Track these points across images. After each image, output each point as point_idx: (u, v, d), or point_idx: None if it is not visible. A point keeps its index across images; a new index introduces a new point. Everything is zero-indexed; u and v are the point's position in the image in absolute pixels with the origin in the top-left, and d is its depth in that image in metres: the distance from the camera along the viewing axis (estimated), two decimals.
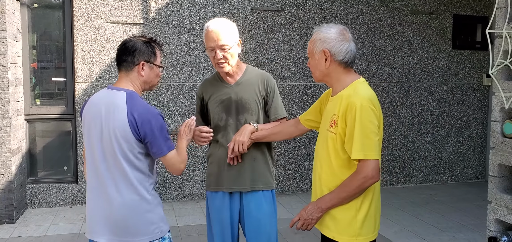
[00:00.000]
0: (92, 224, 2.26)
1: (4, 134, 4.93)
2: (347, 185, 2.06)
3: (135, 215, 2.20)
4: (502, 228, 2.84)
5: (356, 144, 2.01)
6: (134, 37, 2.31)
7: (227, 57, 2.60)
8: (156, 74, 2.33)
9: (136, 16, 5.66)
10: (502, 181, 2.83)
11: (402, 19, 6.62)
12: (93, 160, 2.23)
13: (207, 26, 2.63)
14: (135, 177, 2.20)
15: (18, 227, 4.91)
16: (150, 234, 2.24)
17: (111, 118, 2.17)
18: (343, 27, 2.18)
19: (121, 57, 2.28)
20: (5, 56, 4.86)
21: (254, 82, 2.73)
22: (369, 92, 2.10)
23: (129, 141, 2.16)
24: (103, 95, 2.26)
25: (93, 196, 2.26)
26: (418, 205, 5.81)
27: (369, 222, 2.12)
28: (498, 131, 2.80)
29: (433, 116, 6.87)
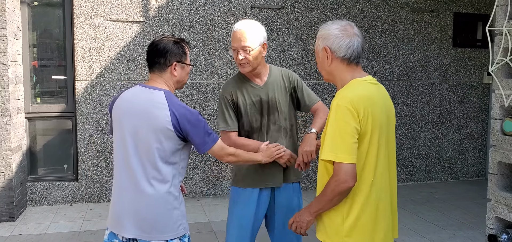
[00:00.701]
0: (118, 218, 2.27)
1: (4, 132, 4.93)
2: (325, 189, 1.98)
3: (164, 212, 2.23)
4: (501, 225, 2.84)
5: (326, 144, 1.93)
6: (164, 38, 2.34)
7: (248, 58, 2.65)
8: (187, 72, 2.40)
9: (136, 14, 5.65)
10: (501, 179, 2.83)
11: (402, 17, 6.61)
12: (124, 155, 2.25)
13: (234, 27, 2.71)
14: (168, 173, 2.24)
15: (18, 225, 4.92)
16: (176, 230, 2.28)
17: (151, 116, 2.20)
18: (347, 22, 2.08)
19: (153, 59, 2.31)
20: (5, 54, 4.86)
21: (279, 80, 2.80)
22: (357, 92, 1.97)
23: (170, 138, 2.20)
24: (137, 92, 2.29)
25: (121, 191, 2.27)
26: (418, 203, 5.81)
27: (360, 232, 1.98)
28: (498, 129, 2.80)
29: (434, 115, 6.87)
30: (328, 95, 6.29)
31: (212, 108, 5.94)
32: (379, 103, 2.02)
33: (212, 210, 5.46)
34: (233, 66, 5.99)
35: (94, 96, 5.61)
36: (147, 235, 2.23)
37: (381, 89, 2.12)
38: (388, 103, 2.11)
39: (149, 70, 2.36)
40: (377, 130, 1.98)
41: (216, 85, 5.95)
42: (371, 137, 1.96)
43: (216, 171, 6.03)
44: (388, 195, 2.08)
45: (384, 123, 2.03)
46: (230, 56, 5.94)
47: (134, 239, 2.28)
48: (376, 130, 1.98)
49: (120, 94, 2.35)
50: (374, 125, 1.96)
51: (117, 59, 5.65)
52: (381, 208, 2.03)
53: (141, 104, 2.24)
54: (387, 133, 2.06)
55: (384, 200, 2.04)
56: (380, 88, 2.11)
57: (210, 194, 6.03)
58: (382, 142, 2.01)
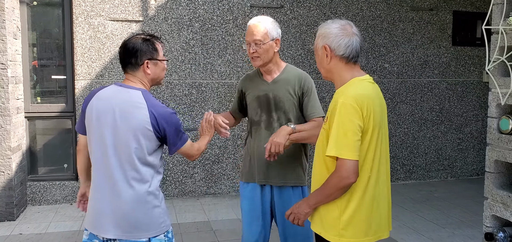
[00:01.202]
0: (98, 219, 2.25)
1: (4, 131, 4.95)
2: (326, 182, 2.04)
3: (145, 210, 2.23)
4: (498, 223, 2.85)
5: (331, 141, 1.98)
6: (133, 37, 2.32)
7: (259, 52, 2.70)
8: (162, 68, 2.38)
9: (135, 13, 5.66)
10: (498, 177, 2.83)
11: (402, 16, 6.61)
12: (102, 155, 2.24)
13: (249, 22, 2.79)
14: (147, 172, 2.24)
15: (18, 225, 4.93)
16: (157, 228, 2.27)
17: (130, 116, 2.19)
18: (347, 21, 2.14)
19: (125, 60, 2.30)
20: (4, 54, 4.87)
21: (291, 81, 2.78)
22: (359, 91, 2.03)
23: (148, 138, 2.21)
24: (113, 91, 2.27)
25: (100, 191, 2.25)
26: (418, 201, 5.81)
27: (357, 226, 2.04)
28: (495, 127, 2.80)
29: (433, 113, 6.87)
30: (328, 94, 6.29)
31: (211, 107, 5.95)
32: (377, 102, 2.09)
33: (211, 209, 5.47)
34: (232, 65, 6.00)
35: None
36: (128, 235, 2.21)
37: (377, 88, 2.19)
38: (383, 102, 2.19)
39: (123, 71, 2.34)
40: (377, 127, 2.05)
41: (215, 84, 5.96)
42: (371, 134, 2.03)
43: (215, 170, 6.04)
44: (384, 189, 2.14)
45: (380, 120, 2.10)
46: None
47: (113, 239, 2.26)
48: (376, 128, 2.05)
49: (95, 93, 2.31)
50: (374, 123, 2.03)
51: (116, 58, 5.66)
52: (376, 202, 2.09)
53: (118, 104, 2.22)
54: (383, 130, 2.14)
55: (379, 194, 2.10)
56: (376, 87, 2.19)
57: (210, 193, 6.04)
58: (379, 138, 2.09)
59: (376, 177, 2.08)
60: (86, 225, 2.33)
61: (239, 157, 6.08)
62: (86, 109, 2.31)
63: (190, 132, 5.88)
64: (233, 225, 4.92)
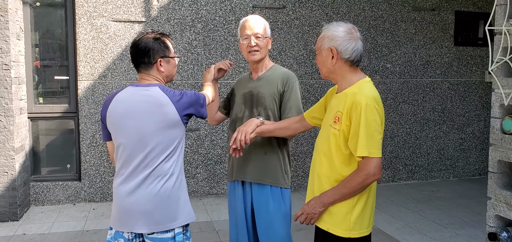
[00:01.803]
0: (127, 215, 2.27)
1: (7, 132, 4.96)
2: (349, 181, 2.10)
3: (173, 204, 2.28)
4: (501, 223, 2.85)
5: (361, 142, 2.04)
6: (143, 36, 2.34)
7: (260, 45, 2.76)
8: (173, 65, 2.42)
9: (138, 14, 5.68)
10: (501, 177, 2.83)
11: (404, 16, 6.61)
12: (128, 154, 2.26)
13: (243, 19, 2.84)
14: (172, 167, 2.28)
15: (22, 225, 4.95)
16: (186, 216, 2.33)
17: (154, 114, 2.22)
18: (352, 26, 2.21)
19: (137, 59, 2.32)
20: (8, 54, 4.89)
21: (275, 79, 2.82)
22: (373, 91, 2.14)
23: (178, 127, 2.27)
24: (131, 92, 2.29)
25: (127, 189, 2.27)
26: (420, 201, 5.81)
27: (363, 219, 2.16)
28: (498, 127, 2.81)
29: (435, 113, 6.87)
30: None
31: None
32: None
33: (214, 209, 5.48)
34: (234, 66, 6.01)
35: (96, 96, 5.64)
36: (156, 227, 2.25)
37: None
38: None
39: (136, 71, 2.37)
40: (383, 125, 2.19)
41: (217, 84, 5.95)
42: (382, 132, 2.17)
43: (218, 170, 6.05)
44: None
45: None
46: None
47: (140, 235, 2.30)
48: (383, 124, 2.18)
49: (112, 98, 2.32)
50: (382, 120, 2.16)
51: (119, 59, 5.68)
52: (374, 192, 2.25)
53: (140, 104, 2.24)
54: None
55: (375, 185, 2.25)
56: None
57: (212, 193, 6.05)
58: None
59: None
60: (112, 225, 2.35)
61: None
62: (105, 116, 2.32)
63: (193, 132, 5.89)
64: None
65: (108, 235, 2.38)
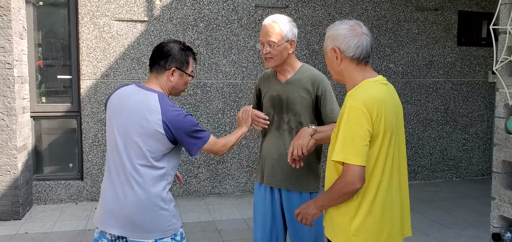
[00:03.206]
0: (105, 216, 2.27)
1: (10, 131, 4.97)
2: (332, 187, 2.00)
3: (151, 213, 2.22)
4: (506, 224, 2.84)
5: (338, 145, 1.93)
6: (171, 42, 2.35)
7: (273, 53, 2.65)
8: (185, 82, 2.38)
9: (140, 13, 5.68)
10: (505, 177, 2.82)
11: (407, 16, 6.60)
12: (113, 153, 2.26)
13: (264, 21, 2.73)
14: (156, 175, 2.23)
15: (24, 224, 4.95)
16: (163, 231, 2.26)
17: (143, 117, 2.20)
18: (356, 22, 2.08)
19: (155, 59, 2.32)
20: (10, 54, 4.89)
21: (303, 82, 2.70)
22: (369, 94, 1.96)
23: (160, 140, 2.20)
24: (132, 91, 2.29)
25: (109, 189, 2.27)
26: (423, 202, 5.80)
27: (367, 232, 1.98)
28: (502, 127, 2.79)
29: (438, 113, 6.85)
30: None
31: (216, 107, 5.95)
32: (390, 104, 2.02)
33: (216, 209, 5.47)
34: (237, 65, 6.00)
35: (99, 95, 5.64)
36: (134, 234, 2.22)
37: (391, 89, 2.12)
38: (397, 103, 2.11)
39: (149, 70, 2.37)
40: (389, 131, 1.98)
41: (220, 84, 5.96)
42: (382, 139, 1.96)
43: (220, 170, 6.04)
44: (397, 194, 2.07)
45: (394, 123, 2.02)
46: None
47: (123, 237, 2.27)
48: (388, 131, 1.98)
49: (116, 91, 2.35)
50: (386, 127, 1.96)
51: (121, 58, 5.68)
52: (388, 207, 2.02)
53: (134, 104, 2.23)
54: (397, 133, 2.06)
55: (391, 199, 2.03)
56: (390, 88, 2.10)
57: (215, 193, 6.05)
58: (392, 143, 2.01)
59: (388, 182, 2.01)
60: (95, 222, 2.35)
61: (244, 157, 6.08)
62: (106, 107, 2.35)
63: None
64: (238, 225, 4.92)
65: (95, 233, 2.37)
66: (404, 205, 2.13)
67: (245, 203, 5.70)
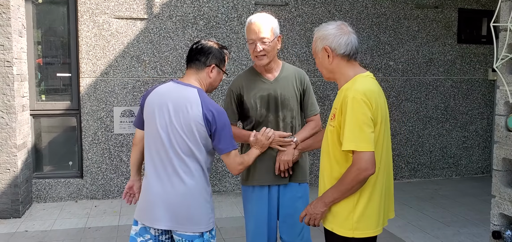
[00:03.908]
0: (151, 210, 2.31)
1: (9, 129, 4.96)
2: (344, 178, 2.06)
3: (198, 204, 2.30)
4: (506, 222, 2.83)
5: (347, 135, 2.01)
6: (210, 41, 2.45)
7: (267, 50, 2.67)
8: (220, 79, 2.48)
9: (140, 11, 5.67)
10: (506, 175, 2.82)
11: (407, 13, 6.58)
12: (157, 148, 2.31)
13: (249, 20, 2.71)
14: (200, 167, 2.31)
15: (24, 222, 4.95)
16: (207, 223, 2.34)
17: (185, 111, 2.27)
18: (341, 22, 2.21)
19: (195, 56, 2.40)
20: (10, 52, 4.88)
21: (291, 78, 2.78)
22: (366, 86, 2.07)
23: (200, 133, 2.27)
24: (170, 88, 2.36)
25: (154, 183, 2.32)
26: (422, 199, 5.80)
27: (368, 218, 2.09)
28: (502, 125, 2.79)
29: (438, 111, 6.85)
30: (332, 92, 6.28)
31: None
32: (381, 96, 2.17)
33: (216, 207, 5.47)
34: (237, 63, 5.99)
35: (98, 93, 5.63)
36: (181, 227, 2.28)
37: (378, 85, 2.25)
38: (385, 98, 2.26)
39: (186, 67, 2.44)
40: (383, 120, 2.12)
41: None
42: (379, 127, 2.09)
43: (219, 168, 6.04)
44: (388, 179, 2.22)
45: (385, 113, 2.16)
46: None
47: (167, 232, 2.34)
48: (382, 120, 2.11)
49: (153, 89, 2.41)
50: (381, 115, 2.10)
51: (121, 56, 5.67)
52: (384, 192, 2.16)
53: (175, 100, 2.30)
54: (387, 124, 2.20)
55: (385, 185, 2.17)
56: (377, 84, 2.24)
57: (214, 191, 6.05)
58: (385, 131, 2.16)
59: (384, 169, 2.14)
60: (137, 217, 2.38)
61: None
62: (144, 104, 2.40)
63: None
64: (238, 222, 4.92)
65: (132, 231, 2.40)
66: (390, 189, 2.27)
67: None
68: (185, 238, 2.30)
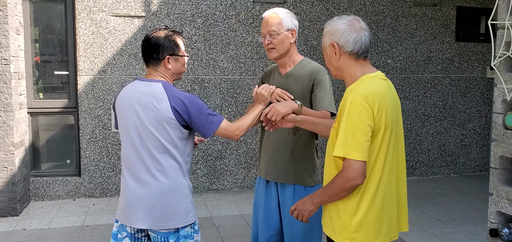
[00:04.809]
0: (127, 210, 2.31)
1: (7, 127, 4.95)
2: (332, 182, 1.98)
3: (174, 200, 2.28)
4: (503, 220, 2.83)
5: (339, 140, 1.91)
6: (155, 32, 2.37)
7: (274, 43, 2.66)
8: (182, 63, 2.42)
9: (137, 9, 5.65)
10: (503, 173, 2.81)
11: (405, 11, 6.58)
12: (130, 147, 2.30)
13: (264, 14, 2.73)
14: (174, 163, 2.28)
15: (21, 220, 4.94)
16: (185, 218, 2.31)
17: (153, 108, 2.24)
18: (354, 17, 2.07)
19: (147, 54, 2.36)
20: (7, 49, 4.87)
21: (303, 75, 2.70)
22: (370, 88, 1.94)
23: (173, 127, 2.24)
24: (136, 86, 2.34)
25: (129, 183, 2.32)
26: (421, 197, 5.80)
27: (367, 229, 1.97)
28: (500, 123, 2.79)
29: (436, 109, 6.85)
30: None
31: (214, 103, 5.94)
32: (390, 99, 2.01)
33: (214, 205, 5.47)
34: (235, 61, 5.98)
35: (96, 91, 5.62)
36: (158, 224, 2.27)
37: (390, 85, 2.11)
38: (396, 98, 2.11)
39: (145, 65, 2.40)
40: (389, 126, 1.97)
41: (217, 80, 5.94)
42: (383, 133, 1.96)
43: (218, 166, 6.04)
44: (394, 189, 2.07)
45: (394, 118, 2.02)
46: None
47: (143, 230, 2.33)
48: (388, 126, 1.97)
49: (121, 90, 2.40)
50: (387, 121, 1.96)
51: (118, 54, 5.65)
52: (387, 202, 2.02)
53: (141, 97, 2.28)
54: (396, 128, 2.06)
55: (390, 194, 2.03)
56: (389, 84, 2.10)
57: (212, 189, 6.04)
58: (392, 137, 2.01)
59: (388, 178, 2.01)
60: (117, 216, 2.39)
61: (242, 153, 6.07)
62: (115, 106, 2.39)
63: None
64: (236, 221, 4.92)
65: (114, 227, 2.41)
66: (401, 200, 2.13)
67: (243, 199, 5.69)
68: (160, 235, 2.28)
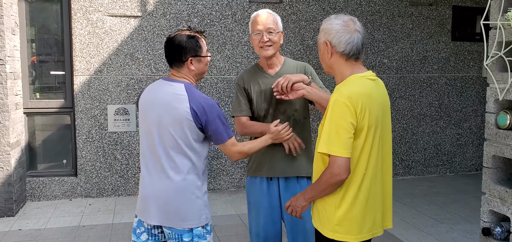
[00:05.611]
0: (144, 204, 2.38)
1: (3, 127, 4.95)
2: (319, 179, 2.07)
3: (187, 200, 2.32)
4: (495, 219, 2.85)
5: (323, 137, 2.00)
6: (178, 34, 2.40)
7: (273, 40, 2.73)
8: (205, 64, 2.46)
9: (134, 8, 5.65)
10: (496, 172, 2.83)
11: (401, 11, 6.59)
12: (149, 145, 2.35)
13: (255, 13, 2.80)
14: (190, 163, 2.32)
15: (18, 220, 4.94)
16: (198, 219, 2.35)
17: (172, 107, 2.29)
18: (350, 18, 2.12)
19: (170, 56, 2.40)
20: (2, 50, 4.87)
21: (291, 72, 2.80)
22: (354, 88, 2.01)
23: (190, 128, 2.28)
24: (160, 85, 2.39)
25: (147, 179, 2.37)
26: (416, 196, 5.82)
27: (350, 223, 2.05)
28: (493, 122, 2.80)
29: (432, 108, 6.87)
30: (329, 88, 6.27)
31: None
32: (376, 99, 2.07)
33: (210, 205, 5.45)
34: (231, 61, 5.99)
35: (92, 91, 5.62)
36: (170, 222, 2.31)
37: (379, 84, 2.16)
38: (385, 98, 2.17)
39: (169, 66, 2.44)
40: (373, 125, 2.04)
41: (214, 80, 5.95)
42: (367, 132, 2.02)
43: (214, 165, 6.04)
44: (379, 186, 2.15)
45: (380, 117, 2.08)
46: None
47: (159, 227, 2.39)
48: (372, 126, 2.04)
49: (145, 88, 2.46)
50: (370, 121, 2.02)
51: (115, 54, 5.66)
52: (371, 199, 2.10)
53: (163, 97, 2.33)
54: (383, 127, 2.11)
55: (374, 191, 2.11)
56: (378, 84, 2.15)
57: (209, 189, 6.05)
58: (377, 136, 2.07)
59: (372, 175, 2.08)
60: (136, 211, 2.46)
61: None
62: (138, 104, 2.45)
63: None
64: (232, 220, 4.93)
65: (134, 223, 2.48)
66: (386, 197, 2.23)
67: (239, 199, 5.70)
68: (174, 232, 2.33)
